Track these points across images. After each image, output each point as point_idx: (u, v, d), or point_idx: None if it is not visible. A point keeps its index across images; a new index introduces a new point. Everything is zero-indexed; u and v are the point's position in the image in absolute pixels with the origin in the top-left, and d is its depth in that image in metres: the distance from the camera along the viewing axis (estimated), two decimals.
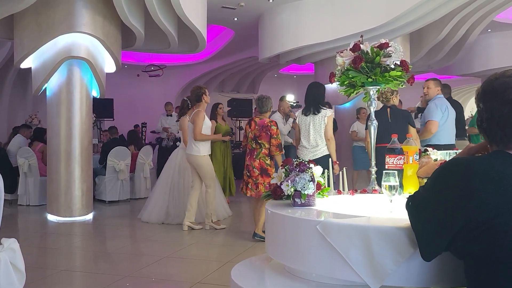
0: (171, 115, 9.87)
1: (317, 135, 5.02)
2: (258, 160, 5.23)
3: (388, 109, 5.15)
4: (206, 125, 5.74)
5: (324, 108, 5.08)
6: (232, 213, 6.81)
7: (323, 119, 5.02)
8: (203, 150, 5.74)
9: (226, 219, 6.50)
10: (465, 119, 7.29)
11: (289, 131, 7.79)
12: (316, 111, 5.05)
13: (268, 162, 5.23)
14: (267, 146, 5.23)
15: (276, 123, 5.38)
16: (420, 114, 6.48)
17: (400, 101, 5.75)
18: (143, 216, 6.43)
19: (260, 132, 5.23)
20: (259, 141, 5.24)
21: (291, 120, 7.71)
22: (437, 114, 5.11)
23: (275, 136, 5.21)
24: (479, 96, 1.45)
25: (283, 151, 5.32)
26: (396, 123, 4.99)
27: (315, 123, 5.02)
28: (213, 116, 7.23)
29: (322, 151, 5.02)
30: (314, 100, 5.08)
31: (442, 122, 5.11)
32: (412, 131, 4.98)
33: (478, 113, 1.47)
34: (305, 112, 5.10)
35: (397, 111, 5.23)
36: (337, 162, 4.54)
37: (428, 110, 5.23)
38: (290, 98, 9.87)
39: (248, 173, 5.30)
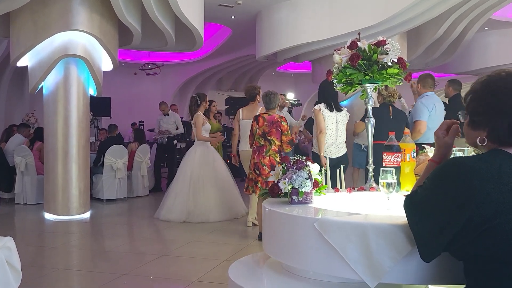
0: (167, 114, 9.81)
1: (343, 132, 5.12)
2: (268, 157, 5.14)
3: (390, 107, 5.09)
4: None
5: (343, 106, 5.21)
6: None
7: (346, 117, 5.13)
8: None
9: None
10: None
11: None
12: (339, 108, 5.13)
13: (277, 159, 5.13)
14: (277, 142, 5.15)
15: (285, 119, 5.35)
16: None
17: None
18: (161, 214, 6.25)
19: (270, 128, 5.14)
20: (269, 138, 5.15)
21: (285, 109, 7.71)
22: (424, 114, 4.97)
23: (286, 133, 5.17)
24: (487, 94, 1.40)
25: (293, 146, 5.38)
26: (397, 121, 4.95)
27: (341, 121, 5.10)
28: (206, 114, 7.32)
29: (345, 148, 5.19)
30: (333, 98, 5.12)
31: (430, 121, 4.95)
32: (407, 131, 4.97)
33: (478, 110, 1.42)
34: (330, 109, 5.12)
35: (398, 110, 5.20)
36: None
37: (415, 110, 5.09)
38: (290, 96, 9.86)
39: (257, 171, 5.17)
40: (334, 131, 5.08)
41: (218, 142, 7.40)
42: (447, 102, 5.80)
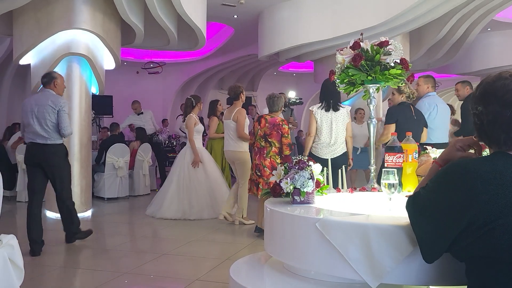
0: (142, 113, 9.81)
1: (339, 132, 4.92)
2: (269, 159, 5.18)
3: (412, 106, 4.93)
4: (246, 123, 5.89)
5: (343, 105, 5.03)
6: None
7: (346, 116, 4.94)
8: (245, 146, 5.83)
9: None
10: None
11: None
12: (337, 108, 4.95)
13: (278, 161, 5.17)
14: (277, 145, 5.19)
15: (287, 122, 5.37)
16: None
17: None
18: (158, 213, 6.36)
19: (271, 131, 5.18)
20: (269, 140, 5.19)
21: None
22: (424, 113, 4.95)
23: (286, 135, 5.19)
24: (477, 99, 1.42)
25: (292, 150, 5.39)
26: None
27: (337, 120, 4.92)
28: (212, 113, 7.32)
29: (342, 148, 4.95)
30: (333, 97, 4.95)
31: (430, 121, 4.93)
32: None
33: (476, 116, 1.42)
34: (326, 108, 4.95)
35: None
36: (352, 159, 4.92)
37: (419, 107, 5.09)
38: (292, 94, 9.86)
39: (258, 173, 5.22)
40: (328, 132, 4.92)
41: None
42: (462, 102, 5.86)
